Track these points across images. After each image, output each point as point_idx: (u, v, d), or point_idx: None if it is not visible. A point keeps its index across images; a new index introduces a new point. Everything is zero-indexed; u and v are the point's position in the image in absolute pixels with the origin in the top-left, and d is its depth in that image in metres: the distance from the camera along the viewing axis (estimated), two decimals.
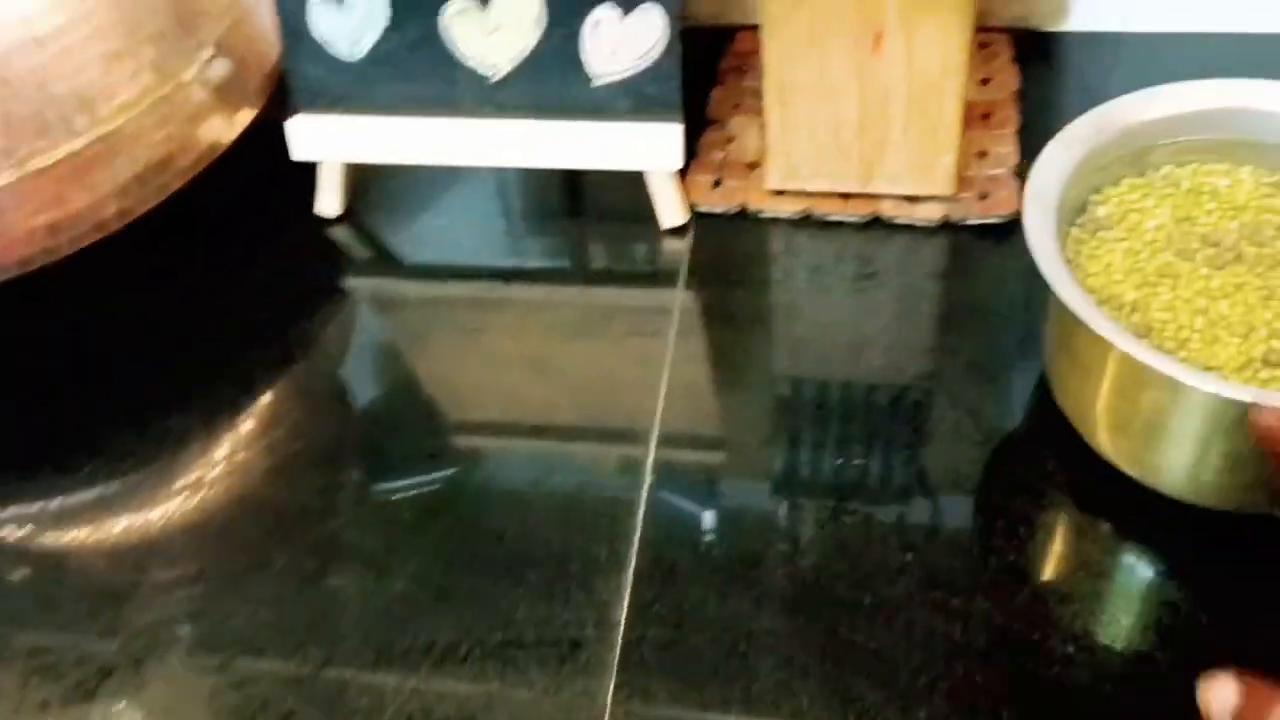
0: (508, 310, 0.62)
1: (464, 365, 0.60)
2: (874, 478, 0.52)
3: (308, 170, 0.66)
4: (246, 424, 0.58)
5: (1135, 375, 0.43)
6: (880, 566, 0.48)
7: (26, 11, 0.53)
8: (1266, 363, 0.43)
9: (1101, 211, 0.51)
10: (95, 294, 0.64)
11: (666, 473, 0.53)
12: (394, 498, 0.54)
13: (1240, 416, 0.39)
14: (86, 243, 0.57)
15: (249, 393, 0.59)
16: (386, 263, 0.67)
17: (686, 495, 0.52)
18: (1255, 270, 0.46)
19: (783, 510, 0.51)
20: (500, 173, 0.69)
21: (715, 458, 0.54)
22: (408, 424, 0.57)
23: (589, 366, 0.59)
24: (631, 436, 0.55)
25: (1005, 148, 0.65)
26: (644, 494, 0.52)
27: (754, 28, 0.73)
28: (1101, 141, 0.50)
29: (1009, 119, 0.67)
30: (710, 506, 0.52)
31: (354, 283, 0.66)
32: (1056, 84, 0.71)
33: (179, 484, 0.54)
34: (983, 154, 0.65)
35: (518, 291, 0.64)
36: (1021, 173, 0.63)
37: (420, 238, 0.68)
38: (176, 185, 0.59)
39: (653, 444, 0.54)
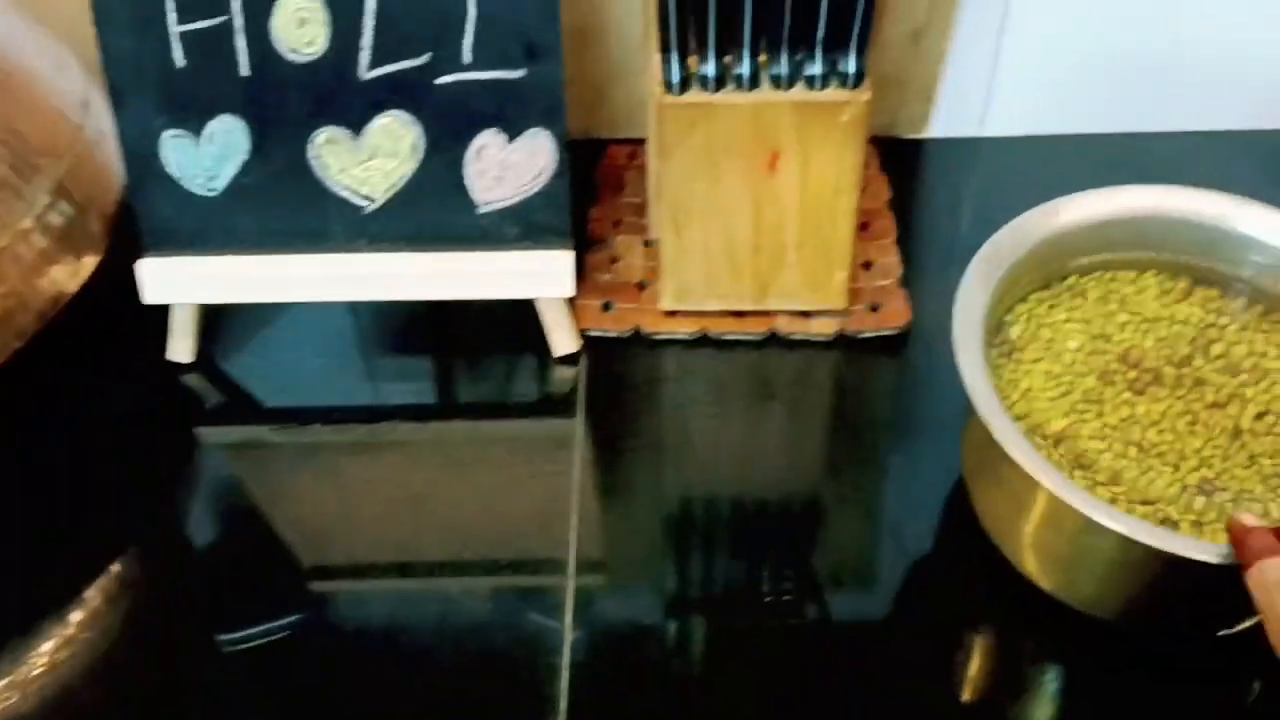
0: (384, 452, 0.58)
1: (337, 510, 0.56)
2: (787, 592, 0.50)
3: (157, 312, 0.60)
4: (91, 592, 0.52)
5: (1069, 515, 0.42)
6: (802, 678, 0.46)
7: None
8: (1201, 490, 0.43)
9: (1014, 331, 0.51)
10: None
11: (586, 602, 0.50)
12: (242, 648, 0.50)
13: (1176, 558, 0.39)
14: None
15: (95, 557, 0.53)
16: (244, 408, 0.62)
17: (611, 622, 0.49)
18: (1176, 394, 0.47)
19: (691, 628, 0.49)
20: (369, 305, 0.65)
21: (632, 583, 0.52)
22: (261, 574, 0.53)
23: (486, 502, 0.55)
24: (547, 567, 0.51)
25: (889, 258, 0.65)
26: (567, 626, 0.49)
27: (625, 141, 0.73)
28: (1018, 257, 0.50)
29: (887, 228, 0.67)
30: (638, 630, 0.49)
31: (209, 432, 0.60)
32: (923, 190, 0.73)
33: (24, 655, 0.48)
34: (868, 264, 0.65)
35: (394, 431, 0.59)
36: (907, 282, 0.64)
37: (280, 379, 0.63)
38: (17, 345, 0.53)
39: (570, 573, 0.51)
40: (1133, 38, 0.69)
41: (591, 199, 0.70)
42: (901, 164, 0.73)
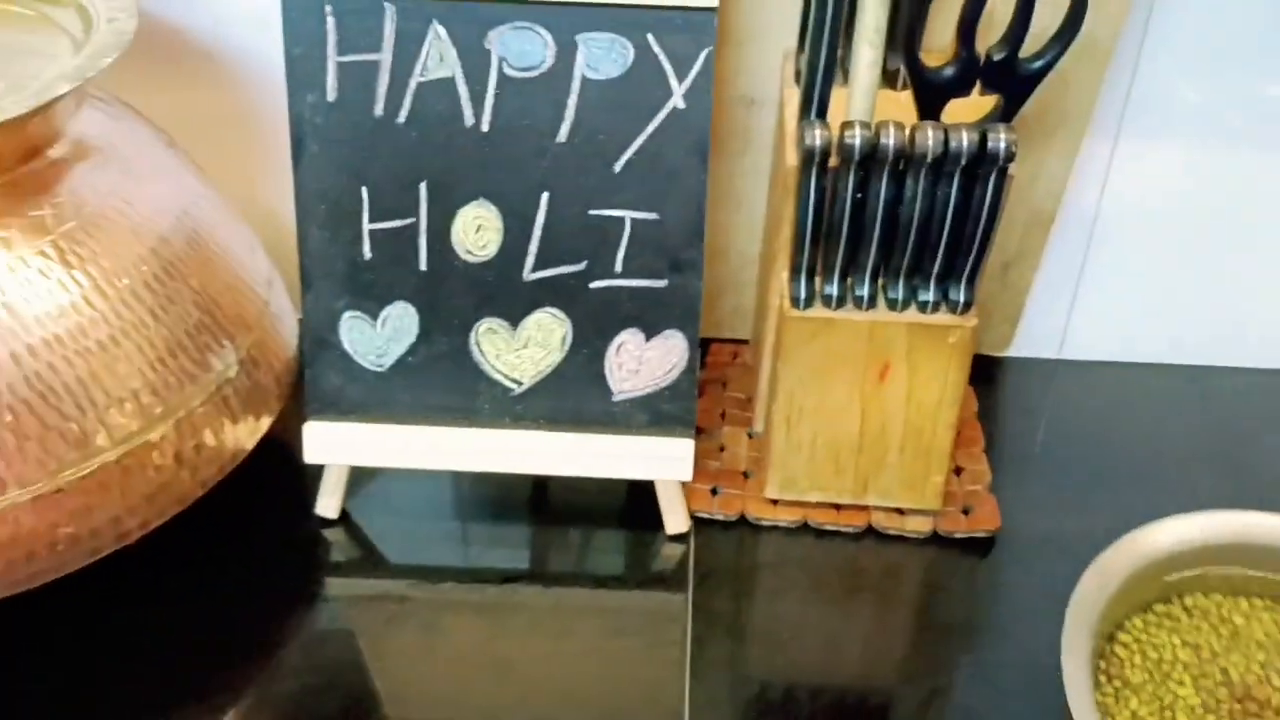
0: (497, 614, 0.63)
1: (444, 670, 0.59)
2: None
3: (308, 469, 0.67)
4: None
5: None
6: None
7: (76, 322, 0.54)
8: None
9: (1122, 651, 0.54)
10: (88, 603, 0.61)
11: None
12: None
13: None
14: (102, 555, 0.55)
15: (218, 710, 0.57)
16: (375, 564, 0.66)
17: None
18: None
19: None
20: (498, 475, 0.71)
21: None
22: None
23: (596, 670, 0.59)
24: None
25: (979, 465, 0.70)
26: None
27: (729, 341, 0.80)
28: (1130, 574, 0.53)
29: (976, 438, 0.73)
30: None
31: (343, 584, 0.65)
32: (1005, 404, 0.78)
33: None
34: (959, 470, 0.70)
35: (512, 595, 0.64)
36: (995, 489, 0.69)
37: (410, 539, 0.68)
38: (199, 494, 0.59)
39: None
40: (1205, 276, 0.76)
41: (698, 393, 0.76)
42: (987, 379, 0.79)
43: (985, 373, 0.80)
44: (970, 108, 0.56)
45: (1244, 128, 0.70)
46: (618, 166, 0.60)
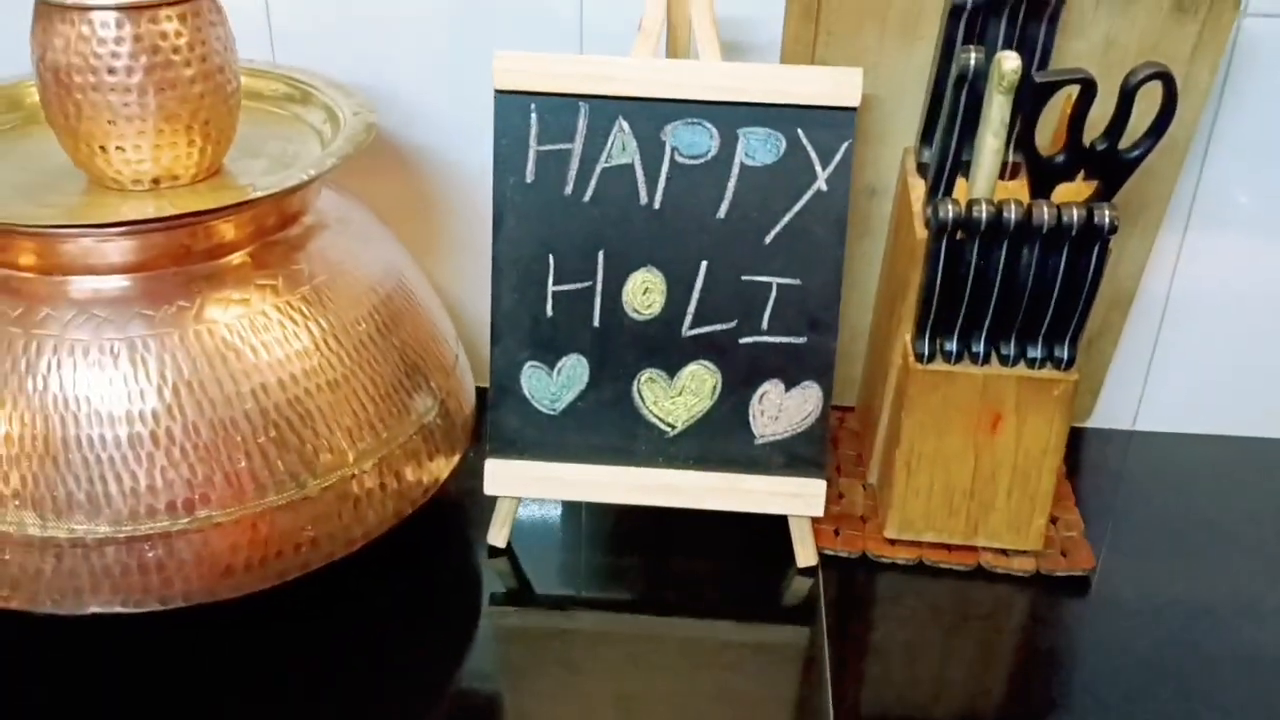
0: (634, 644, 0.70)
1: (569, 700, 0.66)
2: None
3: (476, 503, 0.76)
4: None
5: None
6: None
7: (317, 363, 0.64)
8: None
9: None
10: (269, 620, 0.70)
11: None
12: None
13: None
14: (313, 569, 0.64)
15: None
16: (531, 594, 0.75)
17: None
18: None
19: None
20: (640, 512, 0.80)
21: None
22: None
23: (754, 694, 0.66)
24: None
25: (1071, 515, 0.79)
26: None
27: (835, 408, 0.89)
28: None
29: (1067, 493, 0.81)
30: None
31: (503, 611, 0.73)
32: (1088, 467, 0.87)
33: None
34: (1055, 519, 0.78)
35: (647, 625, 0.72)
36: (1089, 536, 0.77)
37: (562, 570, 0.76)
38: (406, 513, 0.68)
39: None
40: (1267, 355, 0.85)
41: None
42: (1070, 446, 0.88)
43: (1071, 440, 0.88)
44: (1072, 192, 0.66)
45: None
46: (768, 239, 0.70)
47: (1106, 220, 0.62)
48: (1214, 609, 0.73)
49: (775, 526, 0.75)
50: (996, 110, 0.62)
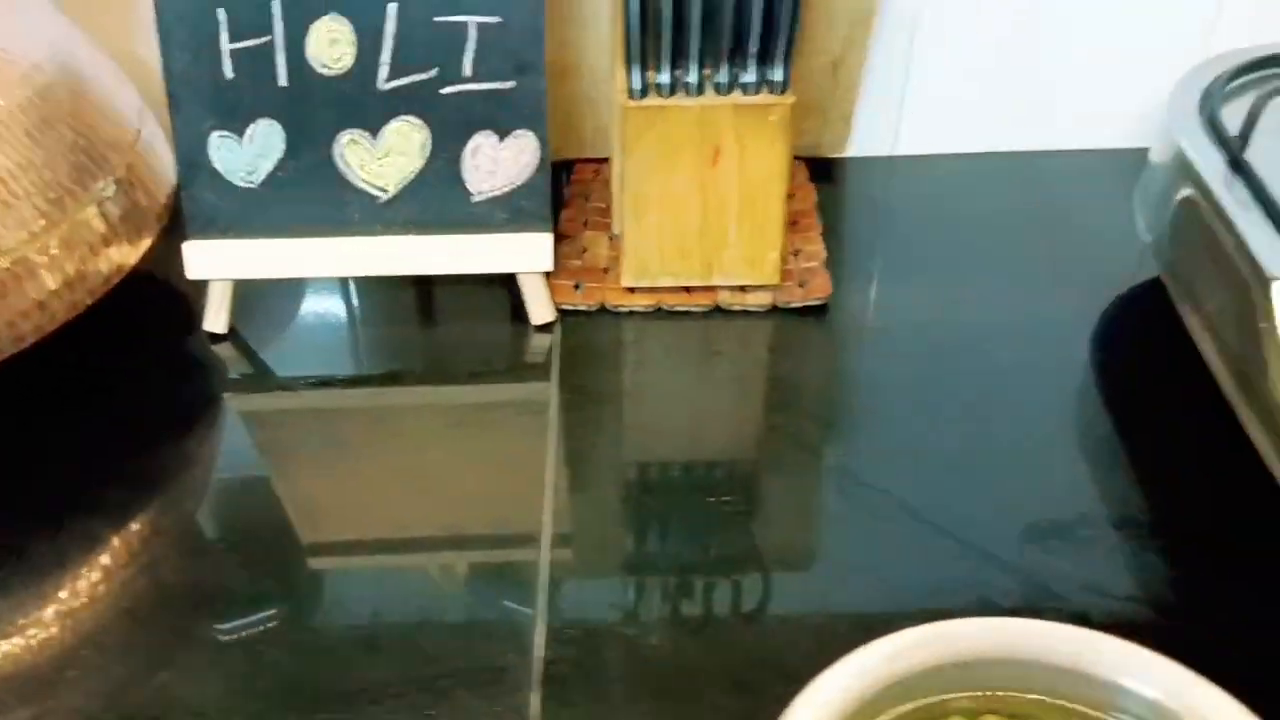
0: (378, 416, 0.68)
1: (338, 479, 0.63)
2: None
3: (196, 288, 0.71)
4: (102, 556, 0.60)
5: None
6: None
7: None
8: None
9: None
10: None
11: (562, 572, 0.58)
12: (237, 637, 0.55)
13: None
14: (3, 358, 0.60)
15: (110, 523, 0.61)
16: (264, 377, 0.72)
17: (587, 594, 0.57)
18: None
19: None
20: (374, 286, 0.76)
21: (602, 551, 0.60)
22: (262, 553, 0.59)
23: (470, 464, 0.65)
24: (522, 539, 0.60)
25: (814, 246, 0.78)
26: (542, 598, 0.56)
27: (591, 160, 0.85)
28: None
29: (813, 225, 0.80)
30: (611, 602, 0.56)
31: (231, 398, 0.70)
32: (845, 198, 0.86)
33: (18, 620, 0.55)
34: (797, 252, 0.77)
35: (384, 396, 0.69)
36: (829, 265, 0.76)
37: (296, 351, 0.73)
38: (87, 302, 0.63)
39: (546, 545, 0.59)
40: (1024, 63, 0.83)
41: (563, 204, 0.82)
42: (828, 178, 0.86)
43: (826, 172, 0.87)
44: None
45: None
46: None
47: None
48: (954, 326, 0.73)
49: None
50: None
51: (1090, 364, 0.70)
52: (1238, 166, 0.63)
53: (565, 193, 0.84)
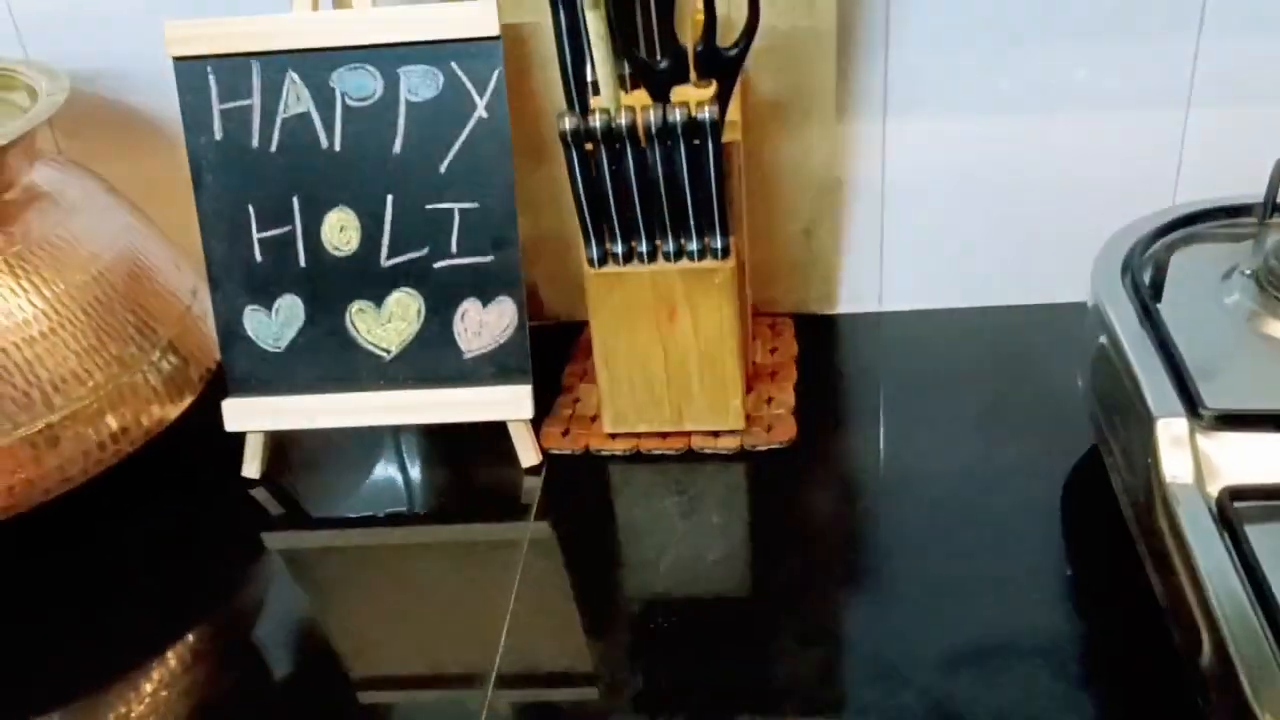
0: (383, 554, 0.77)
1: (343, 611, 0.73)
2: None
3: (236, 442, 0.83)
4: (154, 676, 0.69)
5: None
6: None
7: (23, 316, 0.71)
8: None
9: None
10: (52, 548, 0.77)
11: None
12: None
13: None
14: (49, 498, 0.72)
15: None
16: (296, 517, 0.81)
17: None
18: None
19: None
20: (390, 436, 0.86)
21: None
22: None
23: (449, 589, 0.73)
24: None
25: (786, 394, 0.84)
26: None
27: (581, 322, 0.94)
28: None
29: (790, 376, 0.87)
30: None
31: (268, 536, 0.80)
32: (829, 351, 0.92)
33: None
34: (770, 400, 0.84)
35: (402, 535, 0.78)
36: (796, 413, 0.82)
37: (327, 495, 0.83)
38: (130, 450, 0.75)
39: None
40: (988, 227, 0.90)
41: (568, 361, 0.91)
42: (817, 334, 0.93)
43: (816, 328, 0.94)
44: (695, 94, 0.71)
45: (1003, 94, 0.84)
46: (443, 168, 0.76)
47: (707, 116, 0.67)
48: (914, 467, 0.78)
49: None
50: (593, 24, 0.67)
51: (1060, 512, 0.73)
52: (1147, 314, 0.67)
53: (573, 351, 0.93)
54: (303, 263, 0.78)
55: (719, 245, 0.74)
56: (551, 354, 0.90)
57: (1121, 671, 0.62)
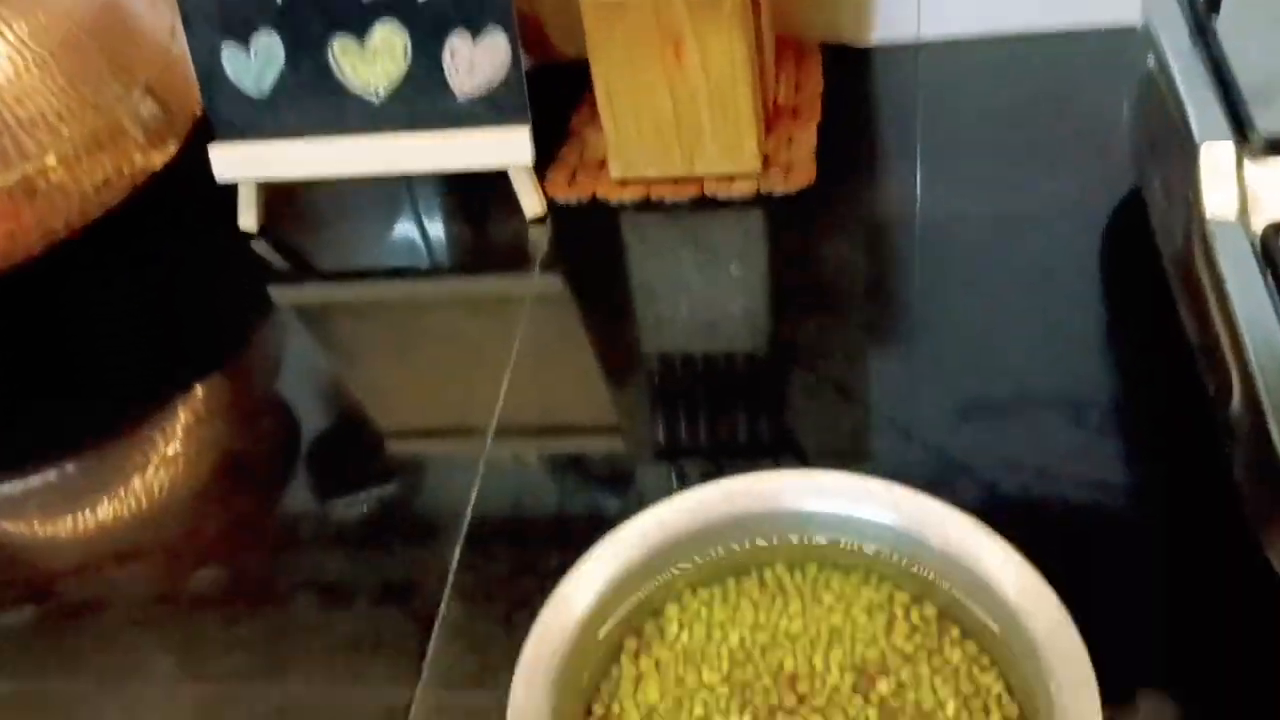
0: (386, 309, 0.74)
1: (348, 364, 0.71)
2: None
3: (228, 194, 0.79)
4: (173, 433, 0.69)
5: None
6: None
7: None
8: None
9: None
10: (42, 306, 0.76)
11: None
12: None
13: None
14: (35, 252, 0.69)
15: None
16: (300, 270, 0.79)
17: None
18: None
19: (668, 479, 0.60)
20: (394, 186, 0.82)
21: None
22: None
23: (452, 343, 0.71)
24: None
25: (809, 135, 0.78)
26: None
27: None
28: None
29: (814, 115, 0.80)
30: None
31: (272, 290, 0.78)
32: (859, 87, 0.85)
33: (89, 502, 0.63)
34: (790, 140, 0.78)
35: (405, 289, 0.76)
36: (818, 154, 0.77)
37: (327, 247, 0.80)
38: (115, 201, 0.72)
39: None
40: None
41: (577, 105, 0.85)
42: (845, 68, 0.86)
43: (845, 61, 0.86)
44: None
45: None
46: None
47: None
48: (944, 212, 0.72)
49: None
50: None
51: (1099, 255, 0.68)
52: (1200, 30, 0.60)
53: (584, 94, 0.87)
54: None
55: None
56: (560, 97, 0.84)
57: (1144, 422, 0.58)
